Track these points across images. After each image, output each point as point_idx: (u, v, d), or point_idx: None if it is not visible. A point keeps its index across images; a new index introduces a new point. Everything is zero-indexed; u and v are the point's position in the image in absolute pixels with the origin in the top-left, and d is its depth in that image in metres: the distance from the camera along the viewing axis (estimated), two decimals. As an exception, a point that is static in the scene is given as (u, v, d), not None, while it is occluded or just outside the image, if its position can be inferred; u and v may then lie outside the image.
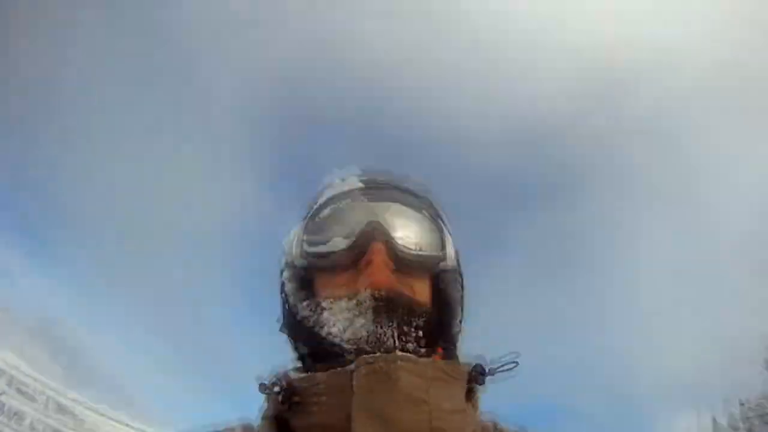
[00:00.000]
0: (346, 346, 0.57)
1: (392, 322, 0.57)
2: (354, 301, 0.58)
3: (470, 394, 0.61)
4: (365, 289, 0.59)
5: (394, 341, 0.56)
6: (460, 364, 0.63)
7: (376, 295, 0.58)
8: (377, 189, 0.68)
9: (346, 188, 0.68)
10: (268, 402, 0.61)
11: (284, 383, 0.57)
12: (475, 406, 0.63)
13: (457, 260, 0.71)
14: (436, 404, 0.54)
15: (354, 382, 0.53)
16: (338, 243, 0.62)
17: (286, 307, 0.67)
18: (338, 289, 0.61)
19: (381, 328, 0.57)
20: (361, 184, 0.68)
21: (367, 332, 0.57)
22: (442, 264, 0.67)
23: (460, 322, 0.70)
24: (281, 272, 0.70)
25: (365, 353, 0.55)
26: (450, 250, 0.68)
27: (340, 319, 0.58)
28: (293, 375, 0.61)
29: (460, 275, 0.71)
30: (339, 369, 0.55)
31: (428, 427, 0.52)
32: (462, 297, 0.71)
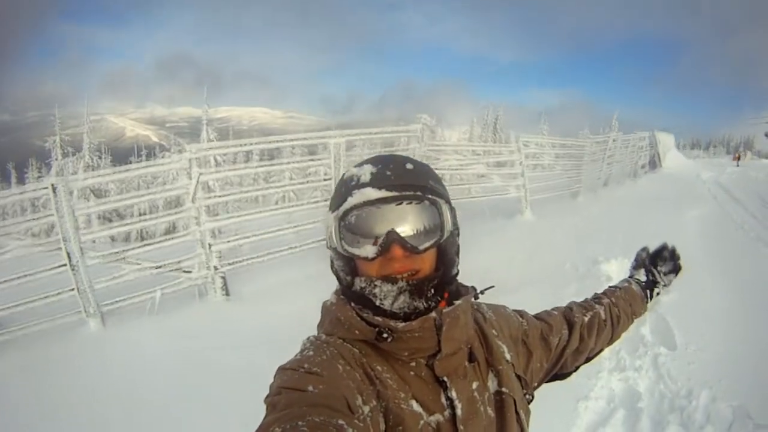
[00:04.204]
0: (396, 312, 0.87)
1: (421, 296, 0.88)
2: (396, 286, 0.87)
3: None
4: (398, 275, 0.87)
5: (424, 306, 0.88)
6: (467, 296, 0.96)
7: (409, 282, 0.87)
8: (389, 190, 0.87)
9: (365, 198, 0.87)
10: (364, 331, 0.88)
11: (389, 329, 0.87)
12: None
13: (453, 219, 0.94)
14: (465, 323, 0.93)
15: (442, 323, 0.88)
16: (368, 251, 0.88)
17: (340, 276, 0.96)
18: (375, 272, 0.89)
19: (415, 301, 0.88)
20: (377, 193, 0.86)
21: (407, 305, 0.87)
22: (442, 238, 0.90)
23: (458, 264, 0.98)
24: (328, 246, 0.96)
25: (408, 316, 0.88)
26: (447, 223, 0.91)
27: (389, 296, 0.87)
28: (392, 323, 0.86)
29: (457, 229, 0.96)
30: (423, 318, 0.87)
31: (466, 338, 0.94)
32: (458, 248, 0.98)
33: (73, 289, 5.19)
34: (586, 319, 1.26)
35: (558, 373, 1.24)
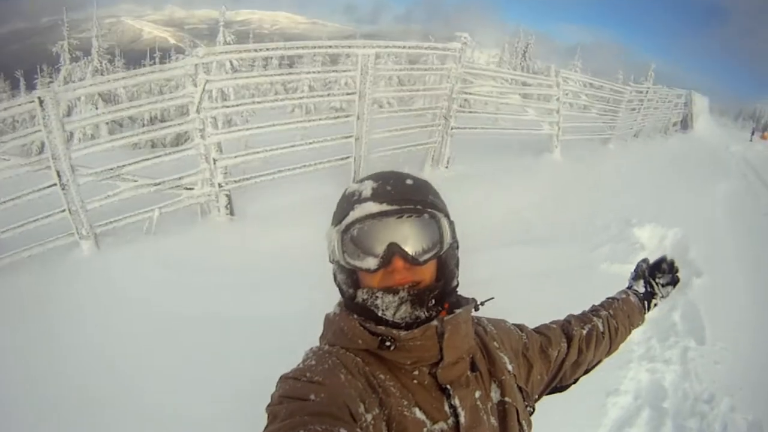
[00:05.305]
0: (397, 322, 0.88)
1: (422, 306, 0.89)
2: (398, 296, 0.88)
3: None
4: (399, 286, 0.88)
5: (425, 316, 0.89)
6: (468, 306, 0.97)
7: (410, 292, 0.89)
8: (390, 204, 0.89)
9: (367, 212, 0.89)
10: (367, 340, 0.89)
11: (392, 338, 0.87)
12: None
13: (452, 233, 0.95)
14: (466, 332, 0.94)
15: (444, 330, 0.89)
16: (370, 263, 0.89)
17: (343, 289, 0.97)
18: (376, 284, 0.90)
19: (416, 311, 0.88)
20: (378, 207, 0.89)
21: (409, 314, 0.88)
22: (441, 250, 0.92)
23: (457, 276, 0.99)
24: (331, 260, 0.97)
25: (410, 326, 0.88)
26: (446, 236, 0.93)
27: (390, 307, 0.88)
28: (395, 332, 0.87)
29: (456, 242, 0.97)
30: (425, 326, 0.88)
31: (467, 347, 0.94)
32: (457, 260, 0.99)
33: (63, 210, 4.88)
34: (585, 332, 1.29)
35: (557, 385, 1.26)
